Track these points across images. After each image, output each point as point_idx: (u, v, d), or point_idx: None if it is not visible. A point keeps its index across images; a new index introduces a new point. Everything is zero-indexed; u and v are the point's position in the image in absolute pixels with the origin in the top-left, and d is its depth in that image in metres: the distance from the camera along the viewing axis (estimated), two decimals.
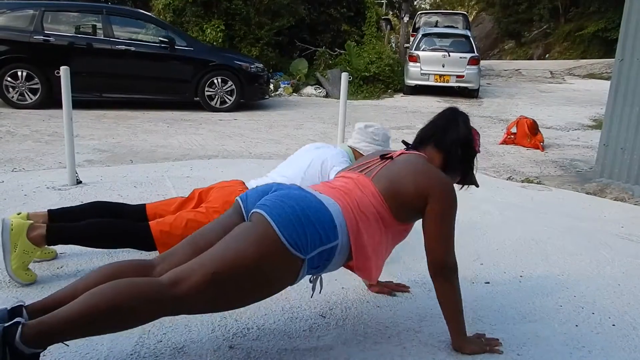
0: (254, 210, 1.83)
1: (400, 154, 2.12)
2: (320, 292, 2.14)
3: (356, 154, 2.95)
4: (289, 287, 1.85)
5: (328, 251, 1.81)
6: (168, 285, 1.64)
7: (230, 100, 9.27)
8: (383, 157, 2.11)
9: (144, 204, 2.78)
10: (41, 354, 1.66)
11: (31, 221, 2.39)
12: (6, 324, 1.57)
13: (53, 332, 1.58)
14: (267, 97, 10.43)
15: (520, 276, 2.83)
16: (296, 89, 12.73)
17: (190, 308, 1.71)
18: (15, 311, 1.68)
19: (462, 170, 2.17)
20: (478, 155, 2.23)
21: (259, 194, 1.93)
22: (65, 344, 1.72)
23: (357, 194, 1.93)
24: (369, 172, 2.04)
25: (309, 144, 3.09)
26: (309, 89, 12.77)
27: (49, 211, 2.59)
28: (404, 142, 2.28)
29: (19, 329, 1.55)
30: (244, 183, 2.83)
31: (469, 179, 2.21)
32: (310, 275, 1.93)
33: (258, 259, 1.69)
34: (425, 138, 2.18)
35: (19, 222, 2.34)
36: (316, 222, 1.78)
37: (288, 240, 1.72)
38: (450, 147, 2.12)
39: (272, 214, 1.76)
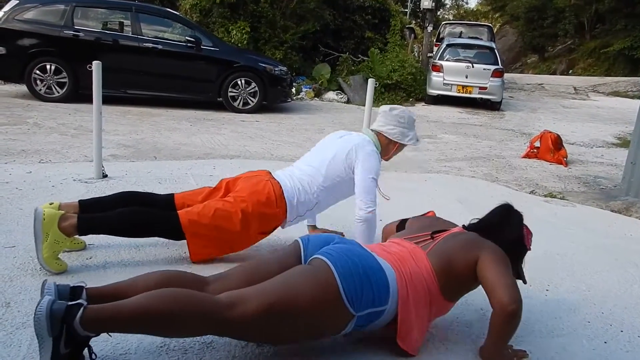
0: (317, 256, 1.89)
1: (457, 231, 2.17)
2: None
3: (380, 137, 2.90)
4: None
5: (376, 314, 1.88)
6: (225, 305, 1.68)
7: (252, 101, 9.31)
8: (438, 232, 2.15)
9: (172, 194, 2.80)
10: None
11: (63, 211, 2.42)
12: (70, 303, 1.61)
13: (110, 321, 1.63)
14: (289, 100, 10.47)
15: (546, 290, 2.81)
16: (318, 94, 12.76)
17: (236, 332, 1.75)
18: (77, 290, 1.74)
19: (513, 265, 2.13)
20: (503, 169, 2.22)
21: (321, 241, 2.00)
22: (110, 335, 1.75)
23: (411, 265, 1.99)
24: (425, 247, 2.08)
25: (333, 132, 3.04)
26: (331, 94, 12.78)
27: (80, 201, 2.62)
28: (463, 225, 2.29)
29: (81, 310, 1.59)
30: (270, 173, 2.83)
31: (516, 274, 2.17)
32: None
33: (314, 303, 1.75)
34: (483, 232, 2.19)
35: (51, 212, 2.37)
36: (374, 283, 1.85)
37: (346, 293, 1.78)
38: (505, 245, 2.11)
39: (337, 264, 1.82)
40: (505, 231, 2.17)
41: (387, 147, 2.92)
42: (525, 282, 2.24)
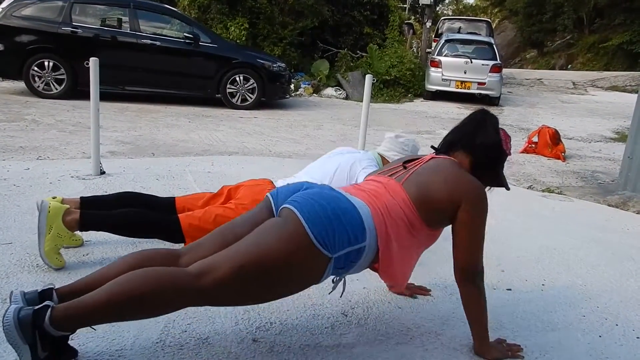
0: (283, 205, 1.83)
1: (430, 159, 2.09)
2: (340, 296, 2.14)
3: (385, 161, 2.96)
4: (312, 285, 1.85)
5: (355, 252, 1.81)
6: (195, 276, 1.64)
7: (251, 98, 9.31)
8: (410, 161, 2.10)
9: (174, 197, 2.83)
10: (69, 338, 1.69)
11: (67, 205, 2.43)
12: (36, 307, 1.60)
13: (81, 316, 1.60)
14: (287, 96, 10.47)
15: (542, 285, 2.82)
16: (316, 90, 12.75)
17: (214, 300, 1.72)
18: (46, 294, 1.72)
19: (492, 172, 2.14)
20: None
21: (289, 191, 1.93)
22: (93, 329, 1.76)
23: (387, 199, 1.92)
24: (399, 178, 2.01)
25: (339, 147, 3.11)
26: (329, 90, 12.78)
27: (82, 198, 2.64)
28: (432, 146, 2.26)
29: (49, 311, 1.58)
30: (272, 182, 2.86)
31: (499, 182, 2.18)
32: (333, 276, 1.93)
33: (285, 255, 1.69)
34: (454, 142, 2.16)
35: (56, 205, 2.39)
36: (346, 223, 1.77)
37: (316, 238, 1.71)
38: (480, 150, 2.09)
39: (303, 210, 1.76)
40: (480, 136, 2.10)
41: None
42: (508, 188, 2.21)
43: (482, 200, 1.95)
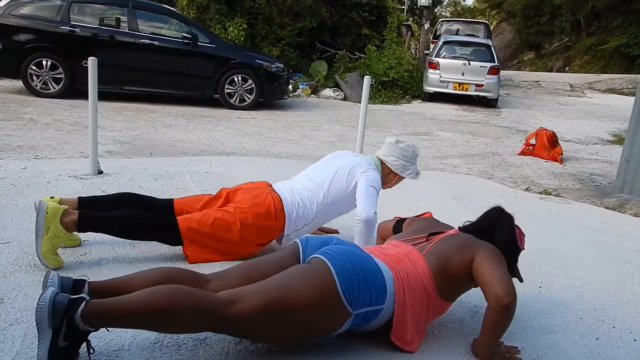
0: (315, 255, 1.92)
1: (452, 233, 2.21)
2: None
3: (383, 166, 2.97)
4: None
5: (373, 313, 1.90)
6: (224, 303, 1.70)
7: (249, 98, 9.31)
8: (434, 234, 2.19)
9: (172, 199, 2.82)
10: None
11: (66, 206, 2.43)
12: (72, 296, 1.63)
13: (111, 316, 1.64)
14: (286, 97, 10.47)
15: (539, 287, 2.82)
16: (314, 91, 12.75)
17: (234, 330, 1.77)
18: (79, 284, 1.77)
19: (508, 265, 2.14)
20: (499, 166, 2.25)
21: (319, 241, 2.04)
22: (107, 330, 1.77)
23: (407, 266, 2.02)
24: (422, 248, 2.11)
25: (338, 150, 3.12)
26: (327, 91, 12.78)
27: (80, 198, 2.63)
28: (459, 227, 2.31)
29: (83, 304, 1.61)
30: (270, 185, 2.86)
31: (512, 273, 2.17)
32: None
33: (312, 301, 1.77)
34: (475, 234, 2.22)
35: (54, 206, 2.38)
36: (371, 283, 1.88)
37: (344, 292, 1.81)
38: (497, 246, 2.14)
39: (335, 263, 1.85)
40: (497, 233, 2.20)
41: (388, 177, 3.00)
42: (521, 280, 2.26)
43: (496, 250, 2.05)
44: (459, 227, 2.31)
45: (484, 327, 1.99)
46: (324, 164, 2.99)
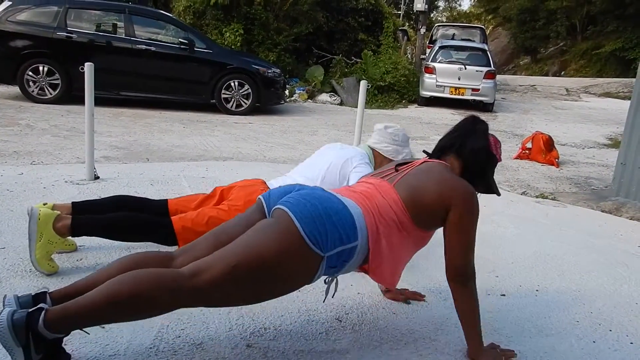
0: (276, 206, 1.85)
1: (421, 163, 2.13)
2: (333, 296, 2.13)
3: (376, 154, 2.95)
4: (305, 289, 1.85)
5: (347, 252, 1.83)
6: (188, 276, 1.66)
7: (246, 103, 9.31)
8: (402, 164, 2.13)
9: (166, 199, 2.81)
10: (63, 342, 1.69)
11: (58, 212, 2.42)
12: (30, 310, 1.60)
13: (74, 317, 1.61)
14: (282, 102, 10.48)
15: (536, 290, 2.82)
16: (311, 96, 12.77)
17: (207, 300, 1.72)
18: (39, 297, 1.72)
19: (482, 177, 2.16)
20: (495, 170, 2.23)
21: (281, 192, 1.95)
22: (86, 332, 1.75)
23: (378, 199, 1.95)
24: (391, 179, 2.04)
25: (330, 143, 3.08)
26: (324, 96, 12.80)
27: (73, 203, 2.62)
28: (424, 151, 2.28)
29: (42, 314, 1.58)
30: (265, 182, 2.85)
31: (490, 187, 2.20)
32: (325, 277, 1.94)
33: (278, 254, 1.71)
34: (446, 147, 2.19)
35: (46, 212, 2.37)
36: (337, 222, 1.80)
37: (309, 236, 1.73)
38: (469, 154, 2.13)
39: (295, 210, 1.78)
40: (469, 141, 2.14)
41: (381, 164, 2.97)
42: (498, 194, 2.22)
43: (472, 202, 1.97)
44: (424, 151, 2.26)
45: (461, 321, 2.00)
46: (316, 159, 2.96)
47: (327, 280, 2.00)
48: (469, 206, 1.96)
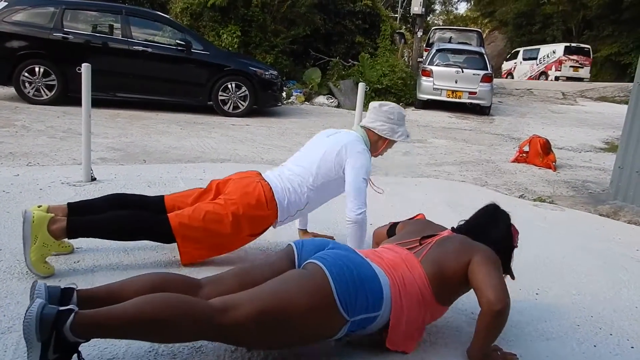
0: (311, 260, 1.88)
1: (445, 235, 2.18)
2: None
3: (370, 134, 2.90)
4: None
5: (369, 319, 1.88)
6: (217, 310, 1.66)
7: (243, 105, 9.29)
8: (426, 237, 2.16)
9: (162, 196, 2.78)
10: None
11: (52, 214, 2.39)
12: (61, 308, 1.59)
13: (101, 327, 1.61)
14: (279, 104, 10.46)
15: (536, 293, 2.82)
16: (308, 98, 12.77)
17: (229, 338, 1.74)
18: (67, 293, 1.72)
19: (502, 263, 2.15)
20: (492, 173, 2.22)
21: (315, 245, 1.99)
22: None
23: (404, 271, 2.00)
24: (417, 253, 2.09)
25: (322, 131, 3.03)
26: (321, 99, 12.80)
27: (69, 204, 2.59)
28: (452, 228, 2.31)
29: (72, 316, 1.57)
30: (260, 174, 2.83)
31: (505, 270, 2.19)
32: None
33: (307, 308, 1.73)
34: (469, 231, 2.23)
35: (40, 215, 2.34)
36: (368, 290, 1.85)
37: (340, 299, 1.78)
38: (492, 243, 2.14)
39: (332, 270, 1.81)
40: (492, 231, 2.19)
41: (377, 144, 2.93)
42: (513, 277, 2.25)
43: (493, 254, 2.03)
44: (452, 228, 2.30)
45: (476, 332, 1.99)
46: (310, 148, 2.92)
47: (341, 337, 1.98)
48: (490, 254, 2.03)
